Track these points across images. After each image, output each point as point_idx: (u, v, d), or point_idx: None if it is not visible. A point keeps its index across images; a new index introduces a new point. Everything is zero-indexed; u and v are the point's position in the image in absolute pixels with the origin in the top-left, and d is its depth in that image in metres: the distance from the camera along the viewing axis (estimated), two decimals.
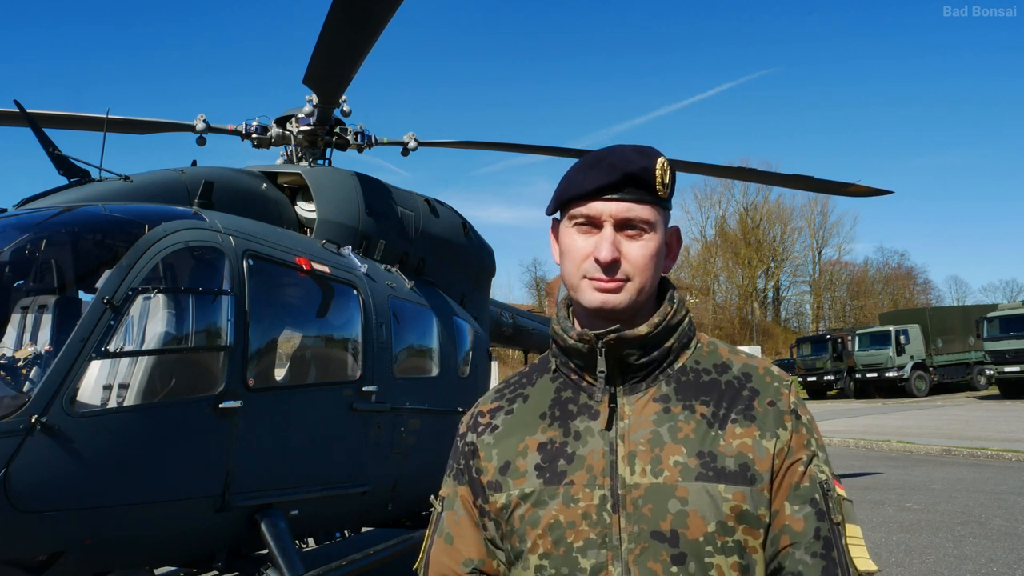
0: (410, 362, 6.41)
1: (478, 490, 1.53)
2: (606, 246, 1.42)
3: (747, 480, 1.39)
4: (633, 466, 1.41)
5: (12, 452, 3.52)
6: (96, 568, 4.16)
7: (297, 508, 4.90)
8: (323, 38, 4.89)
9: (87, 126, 6.70)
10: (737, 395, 1.47)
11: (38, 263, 4.47)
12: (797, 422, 1.46)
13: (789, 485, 1.42)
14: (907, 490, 11.39)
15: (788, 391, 1.49)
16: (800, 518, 1.40)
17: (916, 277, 65.46)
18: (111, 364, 4.05)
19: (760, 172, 9.63)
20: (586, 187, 1.44)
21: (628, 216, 1.44)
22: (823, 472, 1.45)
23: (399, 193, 6.91)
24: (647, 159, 1.44)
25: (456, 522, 1.56)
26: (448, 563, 1.55)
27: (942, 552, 7.79)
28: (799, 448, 1.44)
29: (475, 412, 1.62)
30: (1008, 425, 19.30)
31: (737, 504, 1.37)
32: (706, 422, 1.43)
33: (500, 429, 1.55)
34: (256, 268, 4.72)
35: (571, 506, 1.41)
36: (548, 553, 1.41)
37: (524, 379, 1.63)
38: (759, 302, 63.38)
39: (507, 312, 9.91)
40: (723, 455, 1.40)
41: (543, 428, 1.50)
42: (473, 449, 1.56)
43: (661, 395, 1.47)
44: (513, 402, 1.58)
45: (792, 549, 1.40)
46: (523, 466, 1.48)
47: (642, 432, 1.43)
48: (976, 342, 31.60)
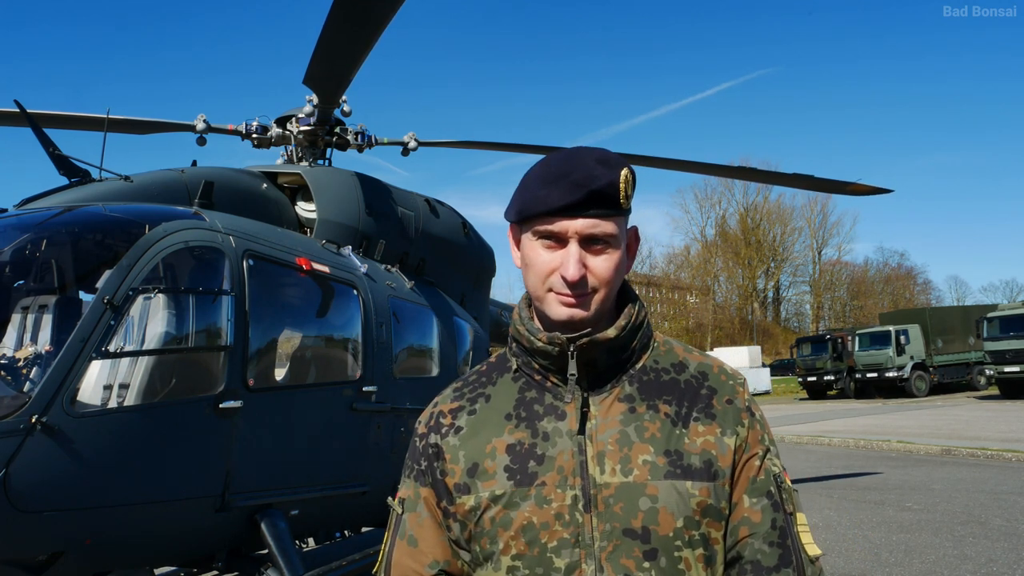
0: (410, 362, 6.41)
1: (442, 492, 1.52)
2: (573, 264, 1.43)
3: (711, 476, 1.44)
4: (603, 465, 1.43)
5: (12, 452, 3.51)
6: (96, 568, 4.16)
7: (297, 508, 4.90)
8: (323, 38, 4.89)
9: (87, 126, 6.70)
10: (696, 394, 1.52)
11: (38, 263, 4.46)
12: (752, 419, 1.52)
13: (747, 479, 1.49)
14: (907, 490, 11.39)
15: (743, 388, 1.56)
16: (758, 510, 1.47)
17: (916, 277, 65.63)
18: (111, 364, 4.05)
19: (760, 172, 9.63)
20: (550, 204, 1.43)
21: (594, 232, 1.44)
22: (775, 465, 1.52)
23: (399, 193, 6.91)
24: (611, 171, 1.43)
25: (420, 524, 1.56)
26: (412, 565, 1.55)
27: (942, 552, 7.79)
28: (755, 443, 1.51)
29: (435, 412, 1.60)
30: (1008, 425, 19.30)
31: (703, 499, 1.42)
32: (670, 421, 1.47)
33: (465, 430, 1.54)
34: (256, 268, 4.72)
35: (544, 507, 1.42)
36: (521, 554, 1.43)
37: (483, 378, 1.62)
38: (759, 302, 63.41)
39: (507, 312, 9.91)
40: (689, 453, 1.45)
41: (510, 429, 1.50)
42: (438, 451, 1.54)
43: (625, 395, 1.50)
44: (475, 402, 1.57)
45: (751, 539, 1.46)
46: (492, 468, 1.48)
47: (610, 432, 1.46)
48: (976, 342, 31.60)
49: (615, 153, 1.50)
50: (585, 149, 1.49)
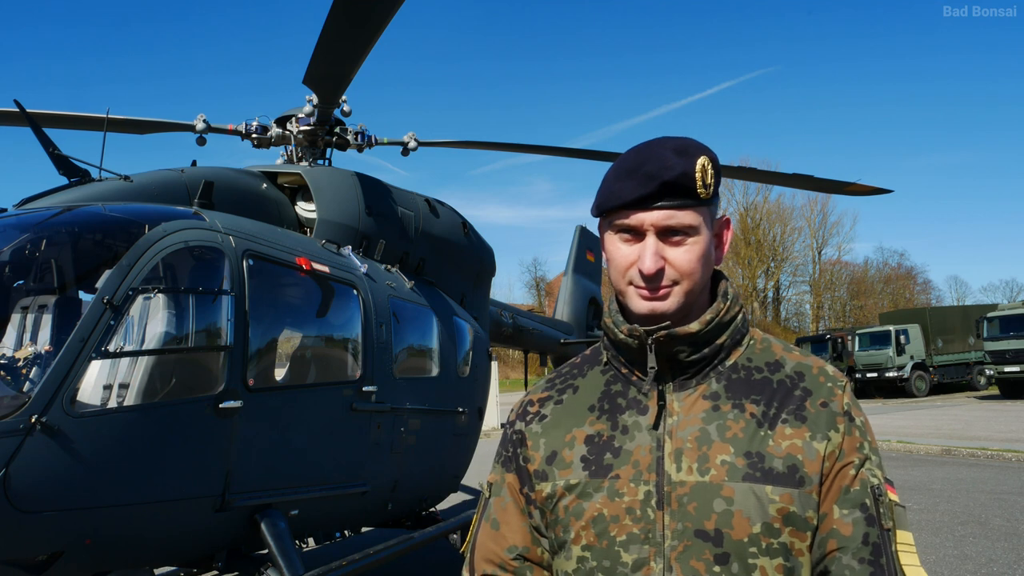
0: (410, 362, 6.41)
1: (525, 478, 1.54)
2: (649, 257, 1.40)
3: (795, 482, 1.37)
4: (680, 463, 1.40)
5: (12, 452, 3.51)
6: (96, 568, 4.16)
7: (297, 508, 4.90)
8: (323, 38, 4.89)
9: (87, 126, 6.70)
10: (789, 394, 1.45)
11: (38, 263, 4.46)
12: (850, 424, 1.43)
13: (839, 488, 1.40)
14: (907, 490, 11.39)
15: (842, 392, 1.46)
16: (849, 522, 1.38)
17: (916, 277, 65.48)
18: (111, 364, 4.05)
19: (760, 172, 9.61)
20: (624, 198, 1.41)
21: (670, 224, 1.41)
22: (875, 476, 1.42)
23: (399, 193, 6.91)
24: (686, 161, 1.39)
25: (503, 508, 1.57)
26: (494, 548, 1.56)
27: (942, 552, 7.79)
28: (851, 451, 1.42)
29: (525, 400, 1.63)
30: (1008, 425, 19.30)
31: (784, 506, 1.36)
32: (756, 421, 1.42)
33: (548, 419, 1.55)
34: (256, 268, 4.72)
35: (615, 500, 1.41)
36: (591, 545, 1.42)
37: (575, 370, 1.63)
38: (759, 302, 63.37)
39: (507, 312, 9.91)
40: (771, 456, 1.38)
41: (591, 420, 1.50)
42: (521, 437, 1.57)
43: (711, 392, 1.46)
44: (563, 392, 1.58)
45: (839, 554, 1.37)
46: (569, 457, 1.48)
47: (690, 429, 1.43)
48: (976, 342, 31.58)
49: (695, 141, 1.45)
50: (664, 139, 1.45)
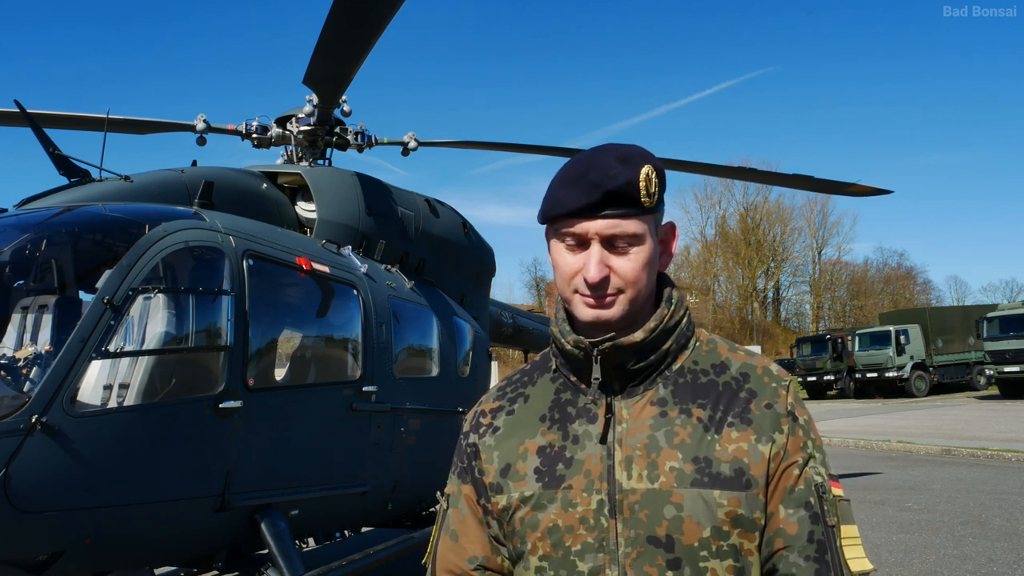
0: (410, 362, 6.41)
1: (481, 490, 1.54)
2: (594, 266, 1.40)
3: (742, 485, 1.39)
4: (630, 471, 1.41)
5: (12, 452, 3.51)
6: (96, 568, 4.16)
7: (297, 508, 4.90)
8: (323, 38, 4.89)
9: (87, 126, 6.70)
10: (734, 397, 1.46)
11: (38, 263, 4.47)
12: (794, 424, 1.45)
13: (784, 488, 1.42)
14: (907, 490, 11.39)
15: (786, 392, 1.48)
16: (794, 521, 1.41)
17: (916, 277, 65.48)
18: (111, 364, 4.05)
19: (760, 172, 9.62)
20: (569, 206, 1.40)
21: (614, 232, 1.40)
22: (819, 474, 1.45)
23: (399, 193, 6.91)
24: (630, 169, 1.39)
25: (461, 520, 1.58)
26: (454, 559, 1.57)
27: (942, 552, 7.79)
28: (795, 451, 1.44)
29: (477, 411, 1.63)
30: (1008, 425, 19.29)
31: (732, 509, 1.38)
32: (702, 426, 1.43)
33: (501, 431, 1.55)
34: (256, 268, 4.72)
35: (569, 510, 1.42)
36: (547, 555, 1.43)
37: (525, 377, 1.63)
38: (759, 302, 63.38)
39: (507, 312, 9.92)
40: (719, 460, 1.40)
41: (543, 431, 1.50)
42: (475, 450, 1.57)
43: (658, 398, 1.47)
44: (514, 402, 1.58)
45: (786, 552, 1.40)
46: (523, 469, 1.48)
47: (639, 437, 1.43)
48: (976, 342, 31.58)
49: (640, 149, 1.45)
50: (608, 147, 1.44)
